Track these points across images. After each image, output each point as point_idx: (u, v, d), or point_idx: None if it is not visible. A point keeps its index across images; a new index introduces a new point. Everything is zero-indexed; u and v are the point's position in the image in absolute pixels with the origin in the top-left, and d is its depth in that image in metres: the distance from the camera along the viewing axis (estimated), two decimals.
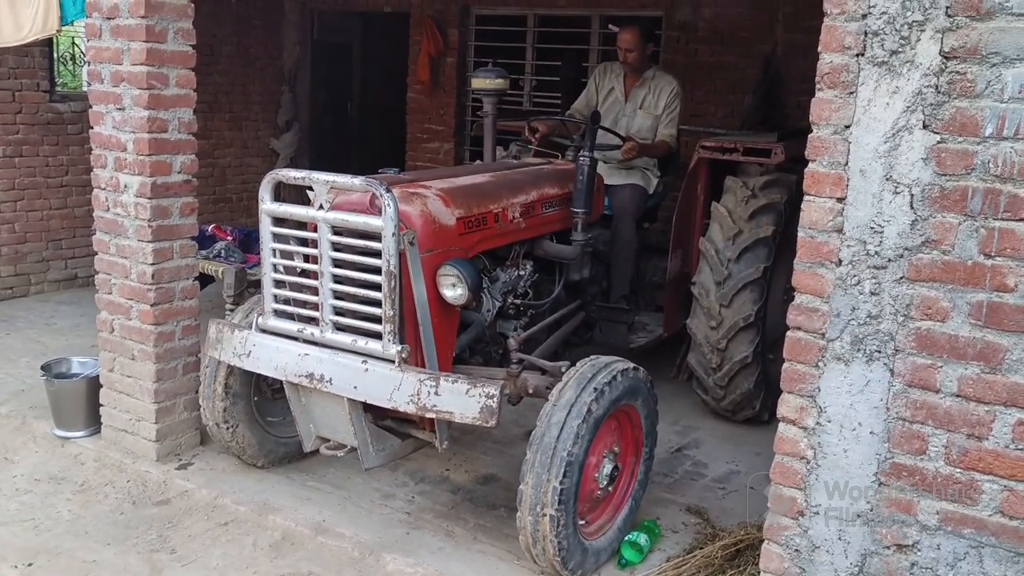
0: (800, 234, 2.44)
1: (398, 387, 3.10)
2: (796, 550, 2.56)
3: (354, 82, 9.42)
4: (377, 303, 3.15)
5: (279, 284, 3.43)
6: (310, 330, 3.34)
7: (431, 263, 3.29)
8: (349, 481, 4.01)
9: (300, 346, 3.33)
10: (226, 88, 8.12)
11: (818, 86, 2.36)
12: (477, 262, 3.66)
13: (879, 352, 2.36)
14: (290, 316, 3.43)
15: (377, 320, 3.18)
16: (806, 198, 2.42)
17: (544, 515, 3.07)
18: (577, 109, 5.31)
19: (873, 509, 2.43)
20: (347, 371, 3.19)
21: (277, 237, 3.37)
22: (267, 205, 3.34)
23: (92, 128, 4.00)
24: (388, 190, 3.07)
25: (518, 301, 3.97)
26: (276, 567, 3.39)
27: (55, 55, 7.25)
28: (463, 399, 3.05)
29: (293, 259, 3.40)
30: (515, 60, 7.45)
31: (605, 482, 3.38)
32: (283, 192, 3.44)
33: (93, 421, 4.35)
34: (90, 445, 4.28)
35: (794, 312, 2.48)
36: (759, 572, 2.69)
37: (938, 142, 2.21)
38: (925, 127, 2.22)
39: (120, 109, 3.85)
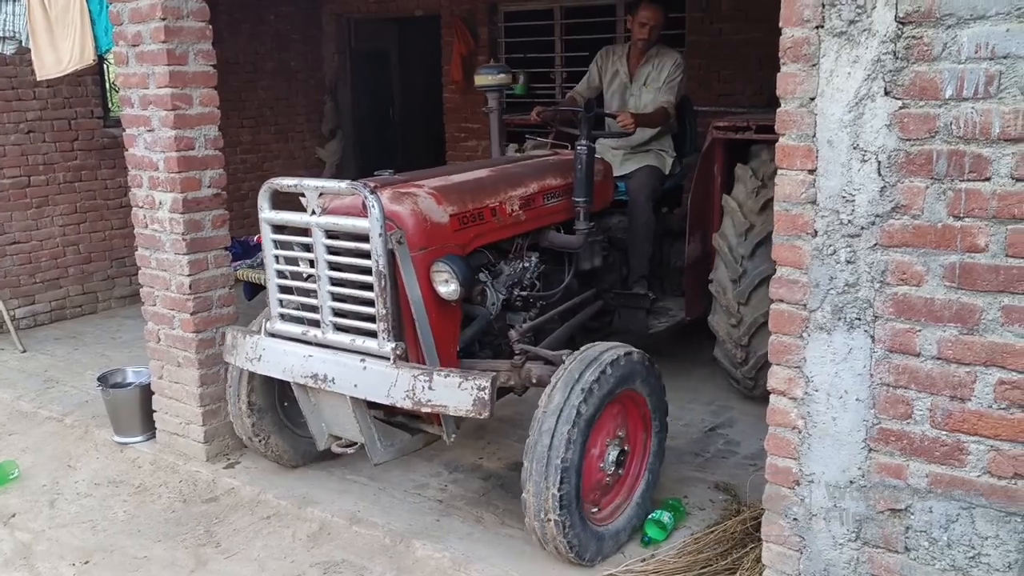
0: (776, 208, 2.48)
1: (394, 383, 3.19)
2: (795, 519, 2.60)
3: (394, 87, 9.62)
4: (371, 303, 3.24)
5: (283, 289, 3.56)
6: (313, 332, 3.46)
7: (424, 261, 3.34)
8: (386, 473, 4.16)
9: (305, 348, 3.44)
10: (270, 102, 8.41)
11: (782, 60, 2.40)
12: (479, 257, 3.73)
13: (859, 319, 2.38)
14: (295, 320, 3.55)
15: (373, 319, 3.27)
16: (779, 172, 2.46)
17: (548, 520, 3.14)
18: (579, 92, 5.24)
19: (865, 475, 2.45)
20: (347, 370, 3.29)
21: (278, 244, 3.50)
22: (266, 213, 3.46)
23: (127, 150, 4.24)
24: (373, 192, 3.14)
25: (524, 293, 3.99)
26: (312, 556, 3.56)
27: (107, 83, 7.61)
28: (456, 392, 3.11)
29: (298, 264, 3.50)
30: (545, 54, 7.52)
31: (612, 468, 3.43)
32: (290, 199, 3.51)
33: (148, 427, 4.61)
34: (146, 449, 4.54)
35: (776, 285, 2.51)
36: None
37: (900, 107, 2.22)
38: (887, 93, 2.23)
39: (150, 131, 4.08)
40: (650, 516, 3.58)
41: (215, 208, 4.20)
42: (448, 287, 3.33)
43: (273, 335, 3.58)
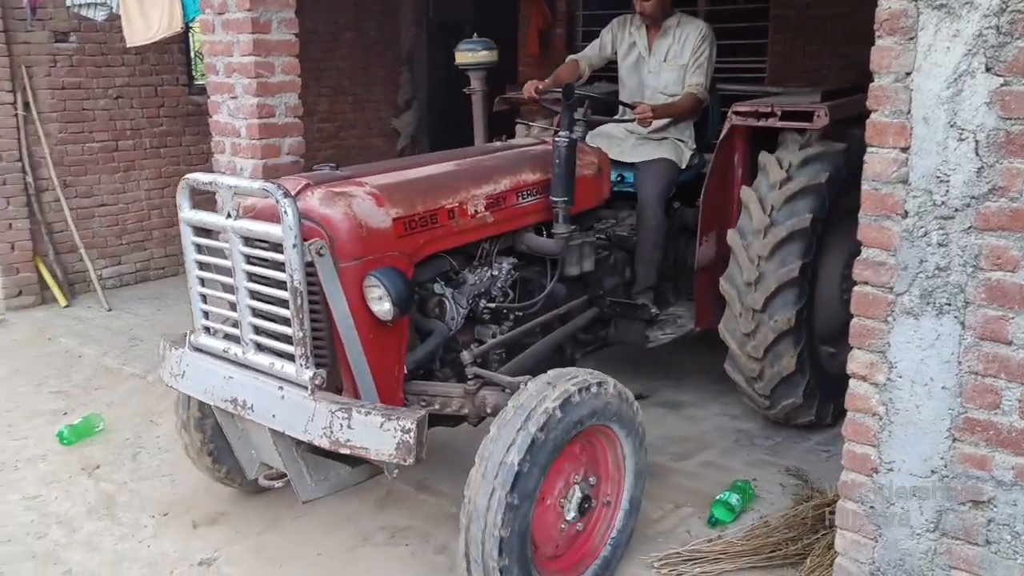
0: (864, 187, 2.40)
1: (311, 418, 2.77)
2: (871, 507, 2.54)
3: None
4: (289, 321, 2.79)
5: (207, 299, 3.13)
6: (235, 350, 3.02)
7: (358, 273, 2.87)
8: (453, 443, 4.19)
9: (227, 367, 3.03)
10: (348, 72, 8.49)
11: (877, 33, 2.30)
12: (438, 263, 3.33)
13: (949, 305, 2.29)
14: (220, 334, 3.14)
15: (292, 340, 2.81)
16: (869, 149, 2.37)
17: None
18: (587, 57, 4.62)
19: (947, 465, 2.37)
20: (266, 397, 2.88)
21: (200, 248, 3.05)
22: (184, 213, 3.01)
23: (211, 117, 4.34)
24: (287, 195, 2.66)
25: (492, 304, 3.51)
26: (378, 521, 3.63)
27: (191, 51, 7.78)
28: (377, 433, 2.70)
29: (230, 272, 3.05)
30: None
31: (574, 516, 3.00)
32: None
33: None
34: None
35: (860, 266, 2.44)
36: None
37: (1002, 85, 2.12)
38: (988, 70, 2.13)
39: (233, 98, 4.17)
40: (718, 497, 3.54)
41: (293, 175, 4.26)
42: (381, 306, 2.87)
43: (198, 350, 3.15)
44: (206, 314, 3.14)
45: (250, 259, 2.87)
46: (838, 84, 4.82)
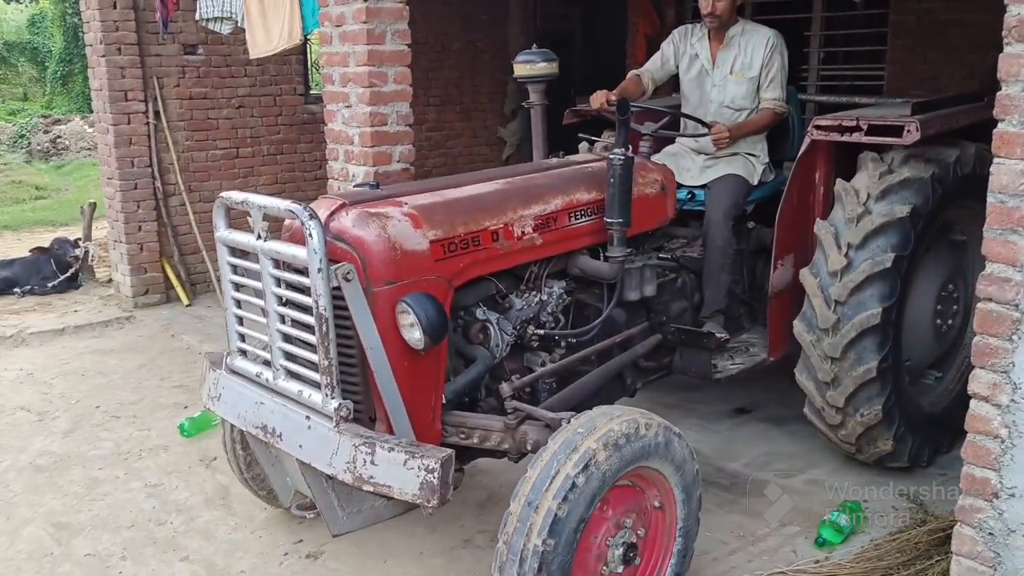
0: (989, 199, 2.30)
1: (336, 451, 2.65)
2: (990, 533, 2.42)
3: (575, 67, 9.62)
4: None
5: (243, 321, 3.06)
6: (267, 374, 2.93)
7: (391, 298, 2.74)
8: None
9: (259, 392, 2.95)
10: (456, 81, 8.64)
11: (1006, 40, 2.21)
12: (483, 287, 3.18)
13: None
14: (255, 357, 3.07)
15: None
16: (995, 160, 2.28)
17: None
18: (650, 71, 4.42)
19: None
20: (294, 426, 2.79)
21: (236, 268, 2.98)
22: (220, 232, 2.95)
23: (326, 125, 4.50)
24: (312, 217, 2.57)
25: (541, 331, 3.33)
26: (480, 523, 3.67)
27: (308, 62, 8.07)
28: (401, 471, 2.56)
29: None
30: None
31: (619, 566, 2.77)
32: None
33: None
34: None
35: (985, 282, 2.34)
36: None
37: None
38: None
39: (348, 106, 4.31)
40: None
41: (403, 182, 4.37)
42: (412, 334, 2.72)
43: (234, 372, 3.08)
44: (242, 336, 3.07)
45: (281, 282, 2.81)
46: (958, 92, 4.58)
